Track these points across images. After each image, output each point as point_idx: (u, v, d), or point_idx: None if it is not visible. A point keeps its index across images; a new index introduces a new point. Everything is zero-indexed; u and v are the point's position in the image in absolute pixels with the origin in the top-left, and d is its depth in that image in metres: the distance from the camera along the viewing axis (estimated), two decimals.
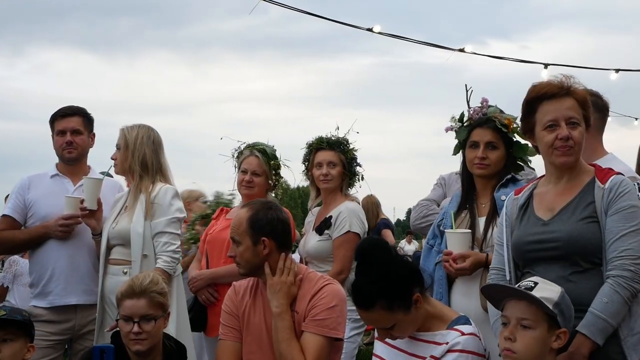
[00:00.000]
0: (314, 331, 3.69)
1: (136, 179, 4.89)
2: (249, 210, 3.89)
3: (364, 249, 3.38)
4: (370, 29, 9.74)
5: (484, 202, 4.15)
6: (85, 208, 4.89)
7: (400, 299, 3.26)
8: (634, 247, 3.16)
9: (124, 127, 4.98)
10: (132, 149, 4.89)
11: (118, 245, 4.83)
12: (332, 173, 5.36)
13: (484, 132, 4.13)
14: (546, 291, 2.99)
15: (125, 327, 3.73)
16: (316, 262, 5.29)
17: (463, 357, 3.27)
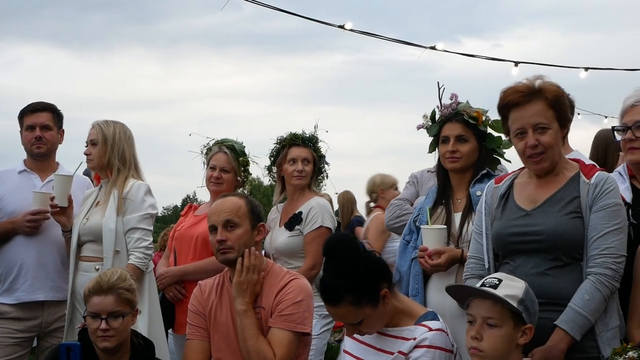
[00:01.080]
0: (281, 326, 3.69)
1: (114, 174, 4.85)
2: (241, 197, 3.92)
3: (332, 244, 3.37)
4: (342, 26, 9.76)
5: (460, 197, 4.17)
6: (56, 205, 4.84)
7: (368, 294, 3.26)
8: (616, 245, 3.18)
9: (97, 122, 4.93)
10: (112, 144, 4.84)
11: (89, 242, 4.78)
12: (306, 170, 5.36)
13: (454, 126, 4.16)
14: (511, 288, 3.01)
15: (93, 324, 3.70)
16: (286, 258, 5.28)
17: (431, 352, 3.28)
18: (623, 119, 3.82)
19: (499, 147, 4.25)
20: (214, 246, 3.82)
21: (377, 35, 10.16)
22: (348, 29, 9.75)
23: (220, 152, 5.41)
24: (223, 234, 3.76)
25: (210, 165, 5.41)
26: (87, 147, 4.94)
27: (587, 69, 12.28)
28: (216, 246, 3.79)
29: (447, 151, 4.14)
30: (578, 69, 12.29)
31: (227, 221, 3.78)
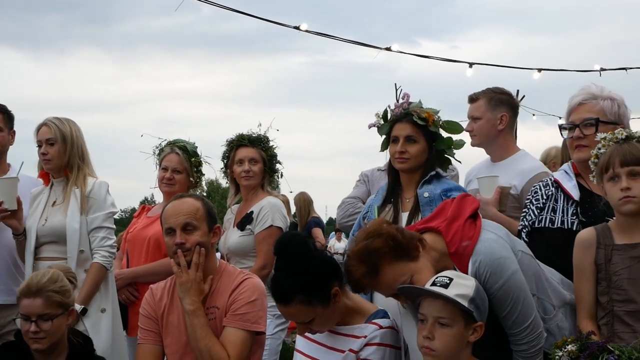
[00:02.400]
0: (235, 325, 3.68)
1: (74, 173, 4.77)
2: (197, 198, 3.90)
3: (283, 243, 3.38)
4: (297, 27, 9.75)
5: (409, 197, 4.20)
6: (5, 209, 4.72)
7: (318, 293, 3.27)
8: (518, 321, 3.18)
9: (51, 121, 4.82)
10: (71, 142, 4.77)
11: (50, 243, 4.70)
12: (254, 169, 5.36)
13: (403, 126, 4.19)
14: (461, 287, 3.02)
15: (24, 326, 3.68)
16: (238, 258, 5.29)
17: (381, 350, 3.30)
18: (570, 117, 3.87)
19: (449, 148, 4.29)
20: (171, 248, 3.78)
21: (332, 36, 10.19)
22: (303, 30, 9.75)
23: (172, 153, 5.41)
24: (182, 237, 3.73)
25: (162, 166, 5.41)
26: (40, 147, 4.82)
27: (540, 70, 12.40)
28: (173, 248, 3.75)
29: (396, 151, 4.18)
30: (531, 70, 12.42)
31: (186, 224, 3.75)
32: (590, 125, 3.76)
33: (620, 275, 3.22)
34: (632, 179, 3.19)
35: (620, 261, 3.23)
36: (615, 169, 3.22)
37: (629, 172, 3.19)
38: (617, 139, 3.29)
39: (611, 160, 3.23)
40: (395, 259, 3.11)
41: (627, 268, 3.21)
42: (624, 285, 3.20)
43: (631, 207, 3.20)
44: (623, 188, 3.18)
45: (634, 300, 3.18)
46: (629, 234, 3.26)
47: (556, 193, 3.81)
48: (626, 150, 3.22)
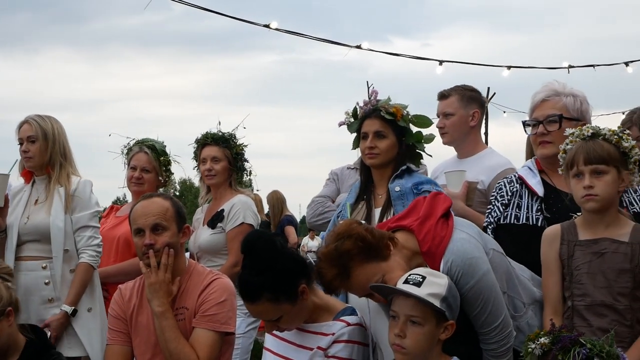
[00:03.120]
0: (205, 327, 3.67)
1: (56, 170, 4.71)
2: (166, 198, 3.88)
3: (250, 241, 3.37)
4: (267, 25, 9.76)
5: (381, 193, 4.22)
6: None
7: (286, 291, 3.27)
8: (488, 321, 3.21)
9: (32, 118, 4.77)
10: (53, 140, 4.71)
11: (32, 242, 4.64)
12: (216, 168, 5.39)
13: (372, 122, 4.21)
14: (434, 286, 3.02)
15: None
16: (209, 256, 5.31)
17: (349, 347, 3.32)
18: (533, 113, 3.91)
19: (419, 142, 4.31)
20: (140, 249, 3.76)
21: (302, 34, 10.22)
22: (273, 28, 9.76)
23: (140, 152, 5.40)
24: (152, 238, 3.72)
25: (131, 165, 5.40)
26: (21, 144, 4.76)
27: (510, 67, 12.51)
28: (142, 249, 3.74)
29: (366, 147, 4.19)
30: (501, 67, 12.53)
31: (156, 225, 3.73)
32: (553, 121, 3.81)
33: (580, 270, 3.27)
34: (595, 177, 3.23)
35: (581, 256, 3.28)
36: (579, 166, 3.26)
37: (592, 170, 3.24)
38: (584, 135, 3.32)
39: (576, 157, 3.28)
40: (366, 259, 3.11)
41: (587, 263, 3.26)
42: (582, 280, 3.25)
43: (593, 205, 3.24)
44: (586, 186, 3.23)
45: (591, 294, 3.23)
46: (593, 230, 3.30)
47: (521, 189, 3.85)
48: (590, 148, 3.26)
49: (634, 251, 3.21)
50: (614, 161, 3.25)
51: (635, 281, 3.20)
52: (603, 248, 3.25)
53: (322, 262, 3.15)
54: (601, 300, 3.20)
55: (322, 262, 3.14)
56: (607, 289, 3.20)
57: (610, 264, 3.21)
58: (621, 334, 3.15)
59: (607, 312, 3.19)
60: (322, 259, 3.15)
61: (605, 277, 3.21)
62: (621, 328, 3.17)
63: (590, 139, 3.30)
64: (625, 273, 3.20)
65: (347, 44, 10.67)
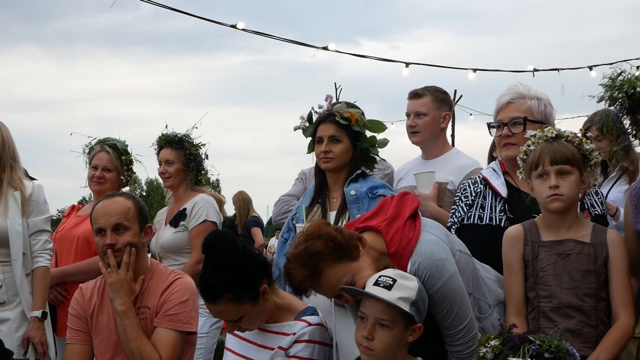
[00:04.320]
0: (167, 326, 3.66)
1: (7, 173, 4.61)
2: (128, 197, 3.85)
3: (211, 241, 3.35)
4: (234, 26, 9.73)
5: (335, 197, 4.24)
6: None
7: (247, 291, 3.26)
8: (454, 323, 3.21)
9: None
10: (2, 143, 4.61)
11: None
12: (170, 170, 5.46)
13: (327, 126, 4.24)
14: (404, 290, 3.02)
15: None
16: (172, 255, 5.32)
17: (309, 347, 3.31)
18: (498, 115, 3.95)
19: (373, 147, 4.35)
20: (101, 249, 3.73)
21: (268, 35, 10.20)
22: (240, 28, 9.74)
23: (102, 152, 5.38)
24: (113, 238, 3.69)
25: (92, 164, 5.37)
26: None
27: (475, 70, 12.60)
28: (103, 249, 3.70)
29: (320, 151, 4.22)
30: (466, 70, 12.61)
31: (117, 224, 3.71)
32: (518, 123, 3.84)
33: (546, 271, 3.29)
34: (560, 178, 3.27)
35: (546, 257, 3.30)
36: (544, 166, 3.29)
37: (558, 170, 3.27)
38: (547, 137, 3.36)
39: (541, 157, 3.30)
40: (336, 260, 3.09)
41: (552, 264, 3.28)
42: (549, 282, 3.28)
43: (558, 205, 3.27)
44: (552, 186, 3.26)
45: (558, 296, 3.25)
46: (555, 231, 3.33)
47: (484, 190, 3.88)
48: (556, 148, 3.29)
49: (597, 252, 3.25)
50: (577, 162, 3.29)
51: (599, 282, 3.24)
52: (568, 249, 3.28)
53: (292, 264, 3.10)
54: (568, 301, 3.23)
55: (292, 263, 3.10)
56: (573, 289, 3.23)
57: (576, 265, 3.24)
58: (586, 334, 3.20)
59: (573, 313, 3.22)
60: (292, 260, 3.11)
61: (571, 278, 3.24)
62: (587, 329, 3.21)
63: (554, 140, 3.34)
64: (590, 274, 3.24)
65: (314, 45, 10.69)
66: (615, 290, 3.24)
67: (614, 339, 3.18)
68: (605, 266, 3.25)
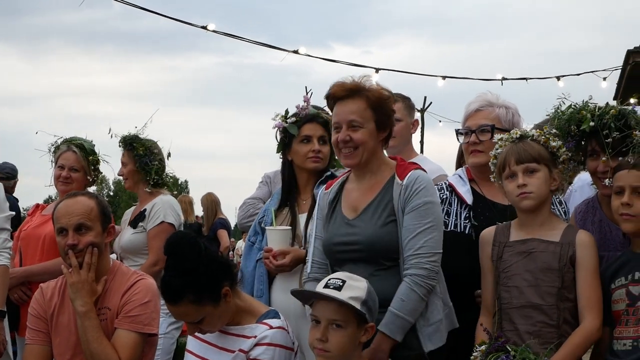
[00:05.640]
0: (127, 328, 3.63)
1: None
2: (91, 197, 3.81)
3: (173, 243, 3.34)
4: (204, 27, 9.71)
5: (305, 198, 4.22)
6: None
7: (208, 293, 3.26)
8: (429, 244, 3.30)
9: None
10: None
11: None
12: (124, 172, 5.49)
13: (315, 127, 4.21)
14: (354, 290, 3.08)
15: None
16: (131, 256, 5.31)
17: (271, 350, 3.31)
18: (466, 122, 3.97)
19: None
20: (63, 249, 3.69)
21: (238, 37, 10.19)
22: (211, 30, 9.72)
23: (68, 151, 5.34)
24: (75, 238, 3.66)
25: (58, 164, 5.33)
26: None
27: (445, 77, 12.68)
28: (65, 249, 3.66)
29: (311, 150, 4.17)
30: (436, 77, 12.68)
31: (79, 225, 3.67)
32: (485, 131, 3.87)
33: (507, 272, 3.32)
34: (527, 176, 3.32)
35: (508, 258, 3.34)
36: (511, 167, 3.34)
37: (525, 169, 3.32)
38: (513, 138, 3.41)
39: (507, 158, 3.36)
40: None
41: (514, 264, 3.32)
42: (509, 282, 3.31)
43: (528, 203, 3.31)
44: (519, 185, 3.30)
45: (518, 296, 3.28)
46: (526, 230, 3.37)
47: (450, 197, 3.90)
48: (521, 148, 3.34)
49: (563, 250, 3.27)
50: (544, 160, 3.34)
51: (563, 280, 3.25)
52: (531, 248, 3.31)
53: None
54: (527, 300, 3.25)
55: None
56: (535, 287, 3.25)
57: (538, 263, 3.27)
58: (547, 335, 3.21)
59: (533, 313, 3.24)
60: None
61: (533, 276, 3.26)
62: (546, 329, 3.22)
63: (519, 141, 3.39)
64: (552, 272, 3.26)
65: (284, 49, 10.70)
66: (582, 291, 3.26)
67: (574, 343, 3.20)
68: (572, 266, 3.27)
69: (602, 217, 3.57)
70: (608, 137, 3.32)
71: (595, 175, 3.51)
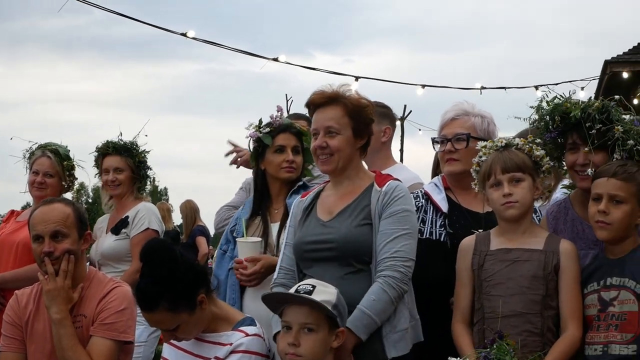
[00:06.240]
0: (103, 335, 3.61)
1: None
2: (68, 204, 3.79)
3: (148, 250, 3.34)
4: (184, 34, 9.71)
5: (277, 208, 4.22)
6: None
7: (184, 300, 3.25)
8: (405, 249, 3.33)
9: None
10: None
11: None
12: (120, 178, 5.38)
13: (289, 137, 4.24)
14: (325, 294, 3.12)
15: None
16: (112, 263, 5.26)
17: (246, 357, 3.30)
18: (442, 131, 3.99)
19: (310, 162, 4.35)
20: (38, 256, 3.67)
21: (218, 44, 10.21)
22: (190, 37, 9.72)
23: (43, 157, 5.30)
24: (51, 245, 3.63)
25: (33, 169, 5.30)
26: None
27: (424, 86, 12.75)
28: (41, 256, 3.64)
29: (285, 160, 4.19)
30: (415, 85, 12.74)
31: (56, 232, 3.65)
32: (461, 140, 3.89)
33: (490, 281, 3.34)
34: (513, 185, 3.34)
35: (490, 267, 3.35)
36: (496, 175, 3.36)
37: (510, 178, 3.34)
38: (497, 146, 3.43)
39: (492, 167, 3.37)
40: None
41: (496, 273, 3.33)
42: (492, 292, 3.32)
43: (513, 212, 3.34)
44: (505, 194, 3.32)
45: (501, 305, 3.28)
46: (508, 238, 3.39)
47: (426, 205, 3.92)
48: (507, 157, 3.36)
49: (547, 259, 3.30)
50: (529, 169, 3.37)
51: (547, 289, 3.28)
52: (515, 257, 3.33)
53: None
54: (512, 310, 3.26)
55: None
56: (520, 296, 3.27)
57: (523, 271, 3.29)
58: (532, 343, 3.23)
59: (518, 322, 3.26)
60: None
61: (518, 284, 3.28)
62: (532, 338, 3.24)
63: (504, 149, 3.41)
64: (538, 280, 3.28)
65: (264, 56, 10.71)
66: (565, 300, 3.29)
67: (561, 351, 3.22)
68: (556, 274, 3.30)
69: (575, 217, 3.59)
70: (591, 129, 3.35)
71: (572, 169, 3.52)
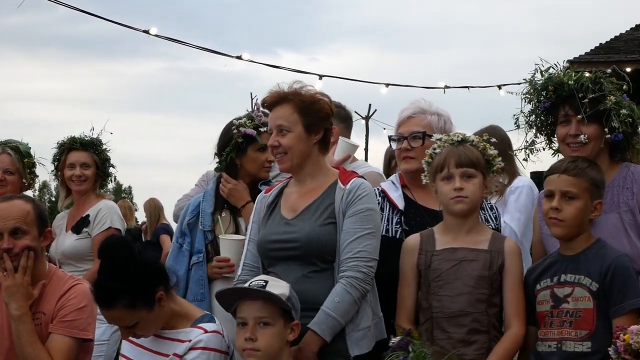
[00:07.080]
0: (62, 332, 3.61)
1: None
2: (27, 200, 3.78)
3: (106, 247, 3.35)
4: (146, 31, 9.68)
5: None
6: None
7: (142, 297, 3.26)
8: (367, 249, 3.36)
9: None
10: None
11: None
12: (86, 174, 5.36)
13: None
14: (278, 288, 3.17)
15: None
16: (74, 262, 5.25)
17: (205, 354, 3.32)
18: (399, 129, 4.03)
19: None
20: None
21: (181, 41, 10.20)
22: (153, 34, 9.69)
23: (3, 154, 5.31)
24: (10, 242, 3.61)
25: None
26: None
27: (388, 85, 12.81)
28: (0, 253, 3.61)
29: (267, 160, 4.25)
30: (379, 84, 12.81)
31: (15, 229, 3.64)
32: (417, 138, 3.93)
33: (438, 281, 3.38)
34: (465, 180, 3.38)
35: (438, 266, 3.39)
36: (450, 169, 3.40)
37: (463, 173, 3.38)
38: (453, 141, 3.47)
39: (446, 160, 3.41)
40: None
41: (444, 272, 3.38)
42: (440, 291, 3.36)
43: (462, 207, 3.38)
44: (456, 188, 3.36)
45: (449, 305, 3.34)
46: (453, 236, 3.44)
47: (382, 202, 3.93)
48: (462, 152, 3.41)
49: (493, 258, 3.36)
50: (481, 167, 3.41)
51: (492, 288, 3.34)
52: (462, 256, 3.38)
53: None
54: (459, 309, 3.32)
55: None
56: (466, 295, 3.32)
57: (469, 271, 3.34)
58: (479, 341, 3.31)
59: (465, 320, 3.32)
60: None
61: (464, 284, 3.33)
62: (477, 336, 3.31)
63: (459, 144, 3.45)
64: (483, 279, 3.34)
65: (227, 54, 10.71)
66: (509, 299, 3.36)
67: (505, 348, 3.30)
68: (500, 273, 3.36)
69: None
70: (584, 99, 3.42)
71: (564, 142, 3.57)
